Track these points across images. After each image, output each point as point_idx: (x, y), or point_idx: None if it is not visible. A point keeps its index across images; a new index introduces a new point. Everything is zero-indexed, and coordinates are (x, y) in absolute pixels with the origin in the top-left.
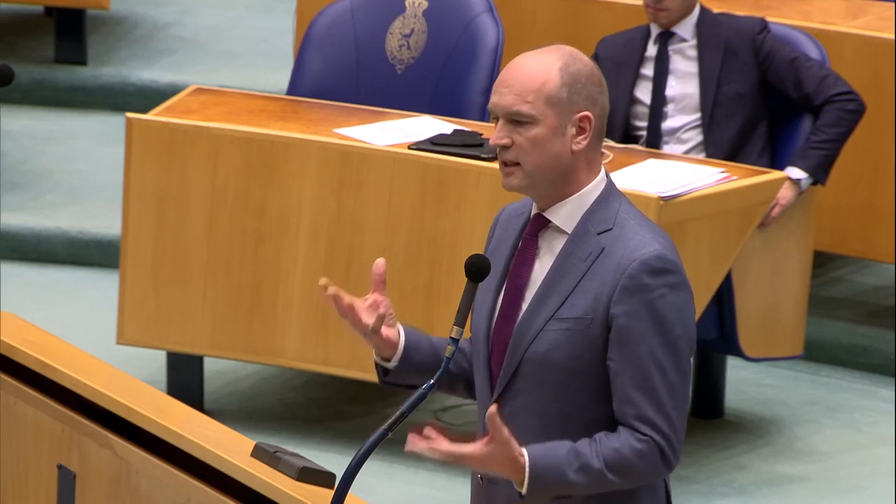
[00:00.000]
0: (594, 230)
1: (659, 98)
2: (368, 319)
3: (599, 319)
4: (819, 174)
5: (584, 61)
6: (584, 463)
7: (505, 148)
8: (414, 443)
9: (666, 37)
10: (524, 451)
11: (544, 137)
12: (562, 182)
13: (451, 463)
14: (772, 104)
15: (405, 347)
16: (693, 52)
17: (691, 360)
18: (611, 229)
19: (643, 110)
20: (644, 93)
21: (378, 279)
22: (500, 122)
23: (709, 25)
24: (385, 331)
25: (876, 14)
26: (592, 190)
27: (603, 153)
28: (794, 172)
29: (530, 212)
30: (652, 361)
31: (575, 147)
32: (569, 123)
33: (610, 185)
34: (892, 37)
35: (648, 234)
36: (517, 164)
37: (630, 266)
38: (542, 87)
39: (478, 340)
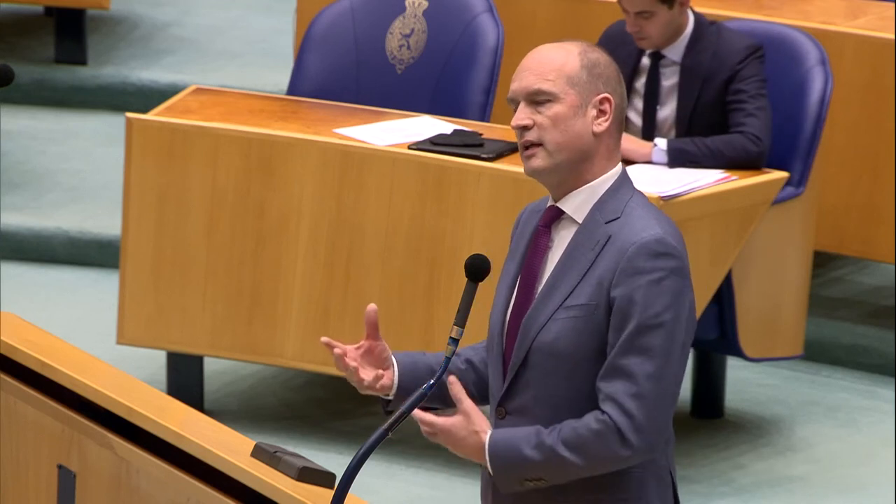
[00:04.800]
0: (602, 219)
1: (649, 124)
2: (364, 373)
3: (603, 304)
4: (674, 156)
5: (601, 52)
6: (541, 440)
7: (526, 129)
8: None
9: (657, 56)
10: (488, 430)
11: (565, 115)
12: (581, 167)
13: (428, 433)
14: None
15: (399, 383)
16: (676, 80)
17: (686, 347)
18: (618, 218)
19: (632, 129)
20: (633, 109)
21: (370, 325)
22: (521, 105)
23: (697, 51)
24: (382, 380)
25: (876, 14)
26: (606, 180)
27: None
28: (661, 142)
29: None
30: (634, 341)
31: (596, 129)
32: (589, 104)
33: (624, 176)
34: (892, 37)
35: (653, 220)
36: (539, 144)
37: (630, 249)
38: (562, 66)
39: (493, 335)
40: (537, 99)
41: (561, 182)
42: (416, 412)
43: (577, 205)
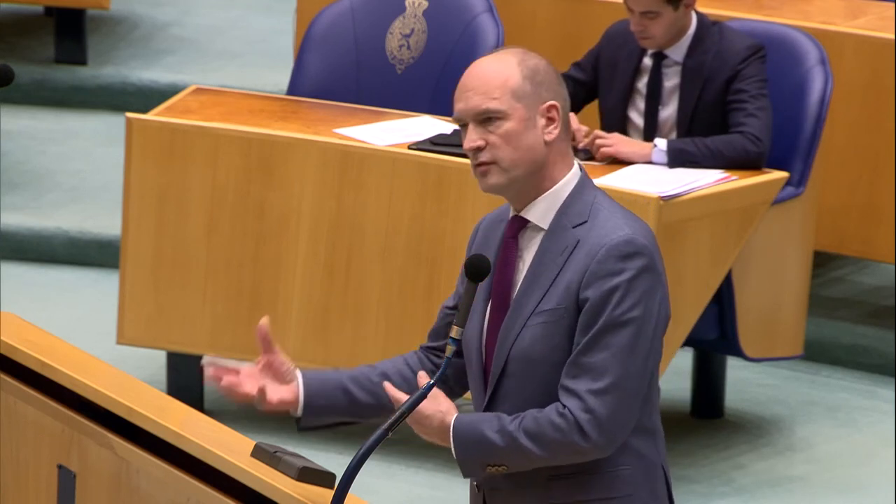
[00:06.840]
0: (569, 224)
1: (651, 124)
2: (252, 388)
3: (572, 307)
4: (674, 156)
5: (537, 57)
6: (503, 425)
7: (479, 150)
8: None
9: (660, 56)
10: (454, 412)
11: (516, 131)
12: (538, 177)
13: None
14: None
15: (306, 399)
16: (677, 80)
17: (657, 340)
18: (585, 222)
19: (634, 129)
20: (635, 109)
21: (263, 340)
22: (470, 127)
23: (700, 52)
24: (278, 394)
25: (876, 14)
26: (566, 184)
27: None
28: (661, 143)
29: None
30: (600, 339)
31: (547, 137)
32: (537, 114)
33: (584, 178)
34: (892, 37)
35: (620, 219)
36: (493, 162)
37: (599, 252)
38: (505, 82)
39: (471, 349)
40: (486, 118)
41: (519, 193)
42: (386, 386)
43: (541, 212)
